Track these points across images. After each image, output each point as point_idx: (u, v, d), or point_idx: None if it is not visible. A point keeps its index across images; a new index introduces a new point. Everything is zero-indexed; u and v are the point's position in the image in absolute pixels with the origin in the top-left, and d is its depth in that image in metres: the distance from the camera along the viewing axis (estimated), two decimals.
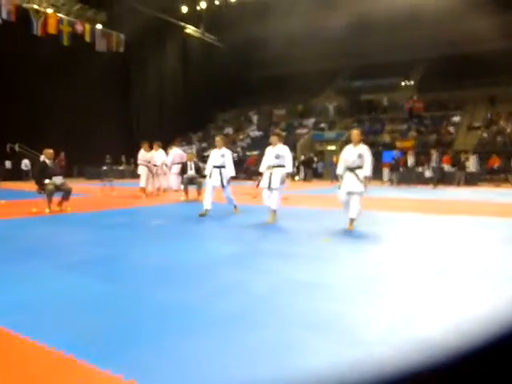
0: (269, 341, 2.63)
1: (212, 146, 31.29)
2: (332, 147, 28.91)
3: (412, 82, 32.80)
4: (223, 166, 8.62)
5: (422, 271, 4.31)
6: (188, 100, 34.12)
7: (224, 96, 34.87)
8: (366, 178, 6.84)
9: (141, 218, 8.64)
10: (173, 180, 13.73)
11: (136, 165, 14.35)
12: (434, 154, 21.53)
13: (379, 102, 31.45)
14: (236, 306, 3.26)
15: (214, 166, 8.71)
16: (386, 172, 22.49)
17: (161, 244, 5.70)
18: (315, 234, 6.47)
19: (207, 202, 8.54)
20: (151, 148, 14.44)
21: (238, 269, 4.39)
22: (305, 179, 25.30)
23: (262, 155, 7.84)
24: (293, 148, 28.59)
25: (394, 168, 21.30)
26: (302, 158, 26.43)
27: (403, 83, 32.89)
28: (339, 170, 7.15)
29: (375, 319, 2.97)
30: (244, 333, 2.75)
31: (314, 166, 26.66)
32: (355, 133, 7.12)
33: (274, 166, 7.45)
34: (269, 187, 7.41)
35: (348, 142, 7.17)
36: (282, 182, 7.39)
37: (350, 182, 6.92)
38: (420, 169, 22.00)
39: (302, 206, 10.72)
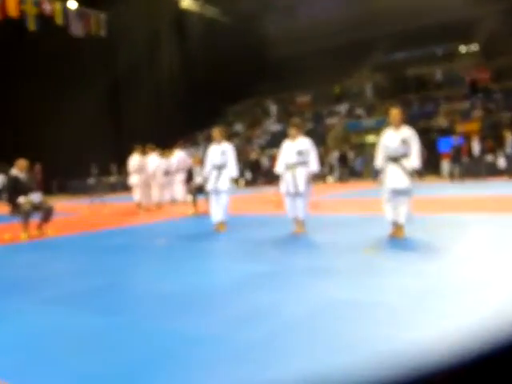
0: (307, 373, 2.75)
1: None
2: (372, 138, 28.85)
3: (475, 47, 32.38)
4: (224, 166, 8.61)
5: (490, 288, 4.37)
6: (189, 92, 34.58)
7: (234, 84, 35.19)
8: (414, 169, 6.85)
9: (141, 237, 8.84)
10: (178, 190, 14.04)
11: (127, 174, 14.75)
12: (509, 138, 21.26)
13: (431, 76, 31.28)
14: (268, 332, 3.41)
15: (215, 167, 8.75)
16: (444, 164, 22.38)
17: (169, 267, 5.88)
18: (355, 244, 6.57)
19: (215, 213, 8.68)
20: (145, 153, 14.96)
21: (267, 290, 4.53)
22: (340, 179, 25.34)
23: None
24: (322, 142, 28.67)
25: (454, 159, 21.14)
26: (336, 153, 26.47)
27: (463, 49, 32.63)
28: (378, 162, 7.15)
29: (437, 344, 3.07)
30: (279, 363, 2.89)
31: (351, 163, 26.67)
32: (394, 112, 7.10)
33: (296, 165, 7.53)
34: (293, 192, 7.46)
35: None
36: (308, 183, 7.49)
37: (394, 176, 6.91)
38: (490, 157, 21.81)
39: (336, 213, 10.84)
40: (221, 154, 8.61)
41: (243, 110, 37.25)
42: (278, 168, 7.80)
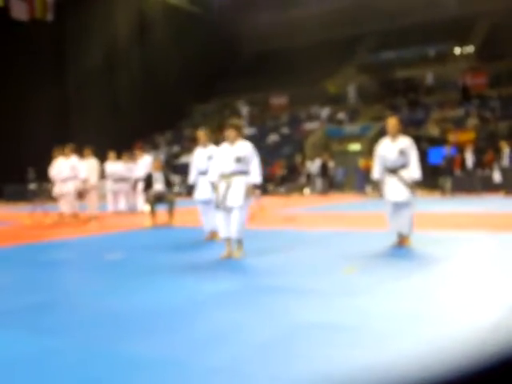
0: None
1: (186, 150, 31.84)
2: (355, 146, 29.19)
3: (470, 48, 32.92)
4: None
5: (481, 309, 4.45)
6: (150, 89, 34.43)
7: (202, 81, 35.27)
8: (413, 181, 7.38)
9: (89, 251, 8.78)
10: (140, 199, 14.21)
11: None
12: (506, 150, 21.71)
13: (421, 79, 31.84)
14: (231, 357, 3.39)
15: (201, 173, 8.86)
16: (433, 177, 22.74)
17: (119, 284, 5.83)
18: (334, 263, 6.67)
19: (209, 224, 8.75)
20: (119, 157, 15.13)
21: (230, 310, 4.53)
22: (321, 192, 25.52)
23: (262, 163, 7.68)
24: (299, 149, 28.83)
25: (446, 171, 21.53)
26: (316, 162, 26.66)
27: (457, 50, 33.23)
28: (376, 173, 7.68)
29: (419, 368, 3.09)
30: None
31: (331, 173, 26.88)
32: (392, 122, 7.58)
33: (233, 174, 7.14)
34: (225, 206, 7.11)
35: (377, 137, 7.51)
36: (248, 196, 7.18)
37: (394, 188, 7.39)
38: (485, 171, 22.24)
39: (314, 228, 10.93)
40: (207, 159, 8.56)
41: (211, 110, 37.31)
42: (210, 177, 7.40)
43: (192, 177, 9.20)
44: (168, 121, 34.78)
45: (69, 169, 13.76)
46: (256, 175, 7.16)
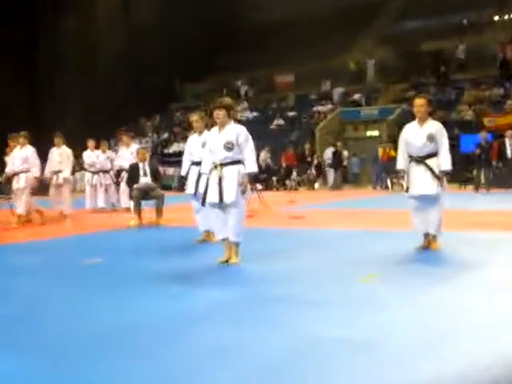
0: None
1: (176, 137, 31.79)
2: (373, 132, 29.13)
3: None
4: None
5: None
6: (135, 67, 34.33)
7: (194, 58, 35.11)
8: (443, 173, 7.41)
9: (63, 255, 8.77)
10: (125, 194, 14.20)
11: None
12: None
13: (452, 52, 31.66)
14: (232, 378, 3.39)
15: (194, 163, 8.87)
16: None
17: (101, 294, 5.83)
18: (349, 269, 6.67)
19: (206, 224, 8.72)
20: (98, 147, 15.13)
21: (233, 325, 4.52)
22: (334, 186, 25.50)
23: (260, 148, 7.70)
24: (309, 135, 28.74)
25: (480, 162, 21.42)
26: (328, 151, 26.61)
27: (495, 18, 32.89)
28: (400, 163, 7.73)
29: None
30: None
31: (345, 164, 26.82)
32: (420, 103, 7.60)
33: (225, 164, 7.08)
34: (219, 202, 7.06)
35: (400, 122, 7.50)
36: (243, 190, 7.13)
37: (420, 180, 7.42)
38: None
39: (326, 228, 10.93)
40: (202, 146, 8.49)
41: (206, 90, 37.20)
42: (203, 169, 7.44)
43: (184, 168, 9.21)
44: (155, 103, 34.73)
45: (21, 161, 13.21)
46: (251, 163, 7.09)
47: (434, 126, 7.50)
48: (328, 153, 26.47)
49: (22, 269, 7.46)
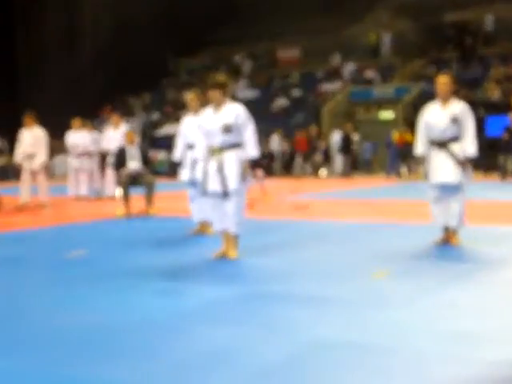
0: None
1: (169, 117, 31.69)
2: (388, 114, 29.01)
3: None
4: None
5: None
6: (122, 39, 34.22)
7: (189, 29, 34.98)
8: (468, 159, 7.43)
9: (46, 246, 8.81)
10: (111, 181, 14.24)
11: None
12: None
13: (478, 24, 31.47)
14: (227, 383, 3.41)
15: (189, 147, 8.83)
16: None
17: (85, 291, 5.85)
18: (360, 265, 6.70)
19: (201, 214, 8.74)
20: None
21: (229, 325, 4.55)
22: (343, 173, 25.50)
23: (267, 135, 7.66)
24: (315, 117, 28.64)
25: (508, 147, 21.36)
26: (336, 135, 26.58)
27: None
28: (419, 148, 7.74)
29: None
30: None
31: (355, 149, 26.72)
32: (443, 81, 7.60)
33: (223, 148, 7.10)
34: (219, 191, 7.09)
35: (417, 102, 7.52)
36: (244, 176, 7.16)
37: (441, 167, 7.44)
38: None
39: (333, 219, 10.95)
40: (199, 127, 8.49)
41: (202, 66, 37.12)
42: (197, 153, 7.44)
43: (178, 151, 9.23)
44: (145, 80, 34.56)
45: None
46: (252, 147, 7.10)
47: (459, 107, 7.49)
48: (336, 136, 26.42)
49: (1, 261, 7.49)
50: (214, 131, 7.08)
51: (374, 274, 6.13)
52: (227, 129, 7.01)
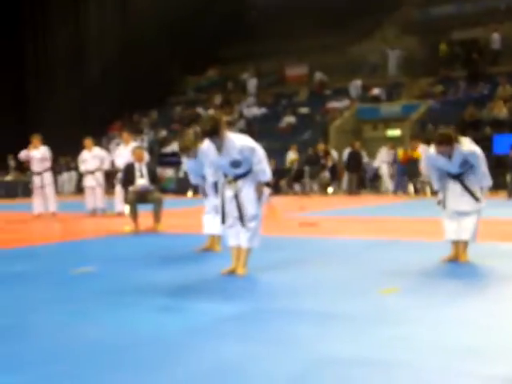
0: None
1: (176, 135, 31.69)
2: (395, 132, 28.99)
3: None
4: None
5: None
6: (130, 57, 34.31)
7: (196, 47, 35.06)
8: (483, 189, 7.69)
9: (54, 262, 8.86)
10: (119, 197, 14.37)
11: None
12: None
13: (485, 43, 31.47)
14: None
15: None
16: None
17: (93, 307, 5.88)
18: (368, 281, 6.74)
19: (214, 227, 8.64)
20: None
21: (239, 341, 4.57)
22: (349, 191, 25.50)
23: (275, 153, 7.63)
24: (323, 134, 28.63)
25: None
26: (345, 152, 26.56)
27: None
28: (436, 185, 7.90)
29: None
30: None
31: (364, 167, 26.72)
32: (443, 149, 7.43)
33: (235, 179, 7.15)
34: (240, 220, 7.13)
35: (424, 120, 7.52)
36: (259, 197, 7.18)
37: (458, 197, 7.58)
38: None
39: (341, 236, 11.01)
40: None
41: (209, 83, 37.29)
42: (211, 178, 7.53)
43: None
44: (153, 97, 34.66)
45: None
46: (264, 173, 7.12)
47: (464, 154, 7.43)
48: (344, 154, 26.43)
49: (5, 277, 7.53)
50: (223, 167, 7.14)
51: (381, 291, 6.16)
52: (236, 164, 7.04)
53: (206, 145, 7.20)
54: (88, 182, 16.43)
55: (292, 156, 26.68)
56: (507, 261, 7.95)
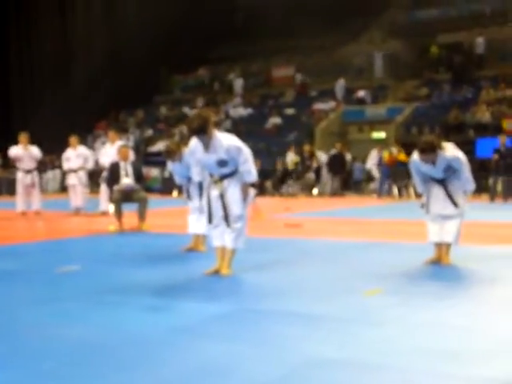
0: None
1: (162, 134, 31.74)
2: (380, 134, 29.10)
3: None
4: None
5: None
6: (116, 56, 34.21)
7: (182, 46, 35.04)
8: (466, 192, 7.77)
9: (38, 261, 8.82)
10: (104, 196, 14.32)
11: None
12: None
13: (470, 46, 31.64)
14: None
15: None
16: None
17: (77, 305, 5.87)
18: (352, 283, 6.77)
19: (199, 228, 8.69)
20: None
21: (223, 342, 4.58)
22: (334, 192, 25.55)
23: (260, 153, 7.70)
24: (309, 136, 28.69)
25: (498, 169, 21.45)
26: (324, 156, 26.58)
27: None
28: (419, 187, 8.01)
29: None
30: None
31: (348, 169, 26.77)
32: (426, 157, 7.49)
33: (222, 179, 7.14)
34: (225, 220, 7.13)
35: (409, 123, 7.56)
36: (245, 198, 7.17)
37: (442, 201, 7.64)
38: None
39: (326, 238, 11.03)
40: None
41: (195, 83, 37.26)
42: (196, 177, 7.56)
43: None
44: (139, 97, 34.60)
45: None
46: (249, 174, 7.10)
47: (448, 160, 7.47)
48: (325, 157, 26.45)
49: None
50: (209, 166, 7.13)
51: (365, 292, 6.19)
52: (222, 163, 7.02)
53: (194, 143, 7.18)
54: (71, 180, 16.38)
55: (293, 157, 26.67)
56: (489, 263, 7.98)
